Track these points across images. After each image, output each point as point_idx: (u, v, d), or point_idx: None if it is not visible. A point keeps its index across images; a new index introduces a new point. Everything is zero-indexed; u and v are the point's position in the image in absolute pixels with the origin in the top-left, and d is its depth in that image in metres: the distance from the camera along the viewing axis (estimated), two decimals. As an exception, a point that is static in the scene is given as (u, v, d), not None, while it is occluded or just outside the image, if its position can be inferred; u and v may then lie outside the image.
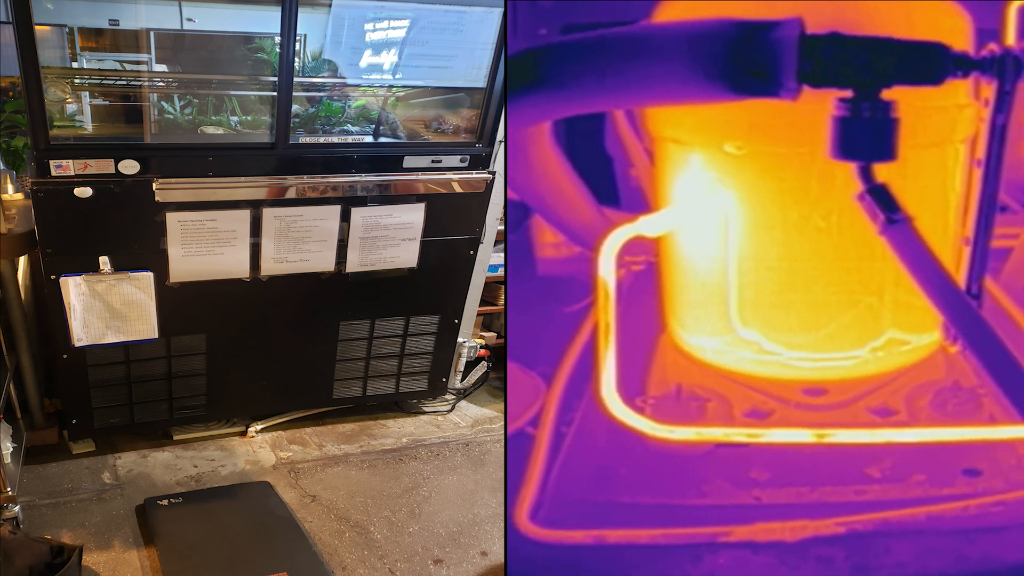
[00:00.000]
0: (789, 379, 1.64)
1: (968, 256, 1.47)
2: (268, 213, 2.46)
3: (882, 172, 1.24)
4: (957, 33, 1.37)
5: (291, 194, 2.46)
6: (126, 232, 2.33)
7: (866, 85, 1.18)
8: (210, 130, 2.55)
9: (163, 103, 2.56)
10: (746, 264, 1.54)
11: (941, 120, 1.41)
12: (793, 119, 1.31)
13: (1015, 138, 1.51)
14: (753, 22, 1.18)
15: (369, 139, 2.72)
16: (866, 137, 1.21)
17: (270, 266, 2.55)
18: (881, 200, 1.22)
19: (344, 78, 2.80)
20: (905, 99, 1.22)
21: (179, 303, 2.48)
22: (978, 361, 1.28)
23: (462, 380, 3.31)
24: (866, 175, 1.24)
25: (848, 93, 1.20)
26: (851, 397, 1.66)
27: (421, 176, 2.63)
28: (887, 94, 1.20)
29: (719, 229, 1.53)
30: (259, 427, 2.93)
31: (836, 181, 1.36)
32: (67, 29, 2.51)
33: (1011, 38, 1.30)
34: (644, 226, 1.50)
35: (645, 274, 1.88)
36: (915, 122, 1.31)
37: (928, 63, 1.20)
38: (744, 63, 1.17)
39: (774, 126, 1.37)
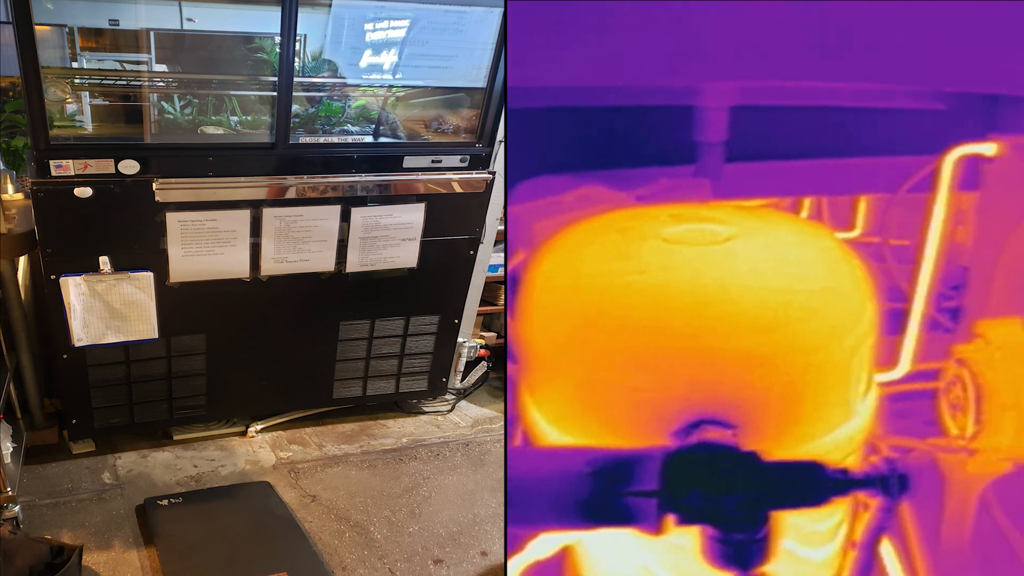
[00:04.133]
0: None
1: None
2: (268, 213, 2.46)
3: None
4: (836, 448, 1.29)
5: (291, 194, 2.46)
6: (126, 232, 2.33)
7: (739, 520, 1.10)
8: (210, 130, 2.55)
9: (163, 103, 2.56)
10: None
11: (822, 521, 1.35)
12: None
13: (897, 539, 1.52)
14: (614, 460, 1.09)
15: (369, 139, 2.72)
16: (739, 553, 1.13)
17: (270, 266, 2.55)
18: None
19: (344, 78, 2.80)
20: (781, 516, 1.15)
21: (179, 303, 2.48)
22: None
23: (462, 380, 3.31)
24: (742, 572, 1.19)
25: (720, 528, 1.12)
26: None
27: (421, 176, 2.63)
28: (762, 520, 1.12)
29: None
30: (259, 427, 2.93)
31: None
32: (67, 29, 2.51)
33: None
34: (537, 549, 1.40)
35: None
36: (792, 527, 1.24)
37: (805, 487, 1.12)
38: (605, 511, 1.11)
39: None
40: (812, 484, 1.11)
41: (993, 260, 1.72)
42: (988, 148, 1.62)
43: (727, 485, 1.09)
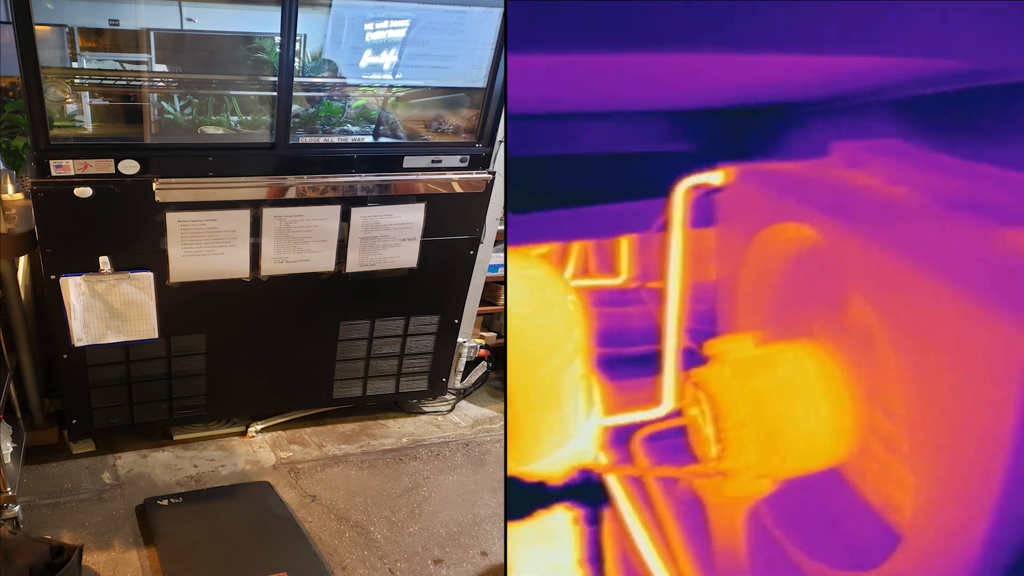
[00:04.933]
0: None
1: None
2: (268, 213, 2.46)
3: None
4: (555, 470, 1.32)
5: (291, 194, 2.46)
6: (126, 232, 2.33)
7: None
8: (210, 130, 2.55)
9: (163, 103, 2.56)
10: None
11: (560, 552, 1.35)
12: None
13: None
14: None
15: (369, 139, 2.72)
16: None
17: (270, 266, 2.55)
18: None
19: (344, 78, 2.80)
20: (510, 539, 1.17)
21: (179, 303, 2.48)
22: None
23: (462, 380, 3.31)
24: None
25: None
26: None
27: (421, 176, 2.63)
28: None
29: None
30: (259, 427, 2.93)
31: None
32: (67, 29, 2.51)
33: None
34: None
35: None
36: (530, 557, 1.26)
37: (506, 500, 1.13)
38: None
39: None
40: (510, 497, 1.14)
41: (733, 286, 1.73)
42: (715, 177, 1.65)
43: None
